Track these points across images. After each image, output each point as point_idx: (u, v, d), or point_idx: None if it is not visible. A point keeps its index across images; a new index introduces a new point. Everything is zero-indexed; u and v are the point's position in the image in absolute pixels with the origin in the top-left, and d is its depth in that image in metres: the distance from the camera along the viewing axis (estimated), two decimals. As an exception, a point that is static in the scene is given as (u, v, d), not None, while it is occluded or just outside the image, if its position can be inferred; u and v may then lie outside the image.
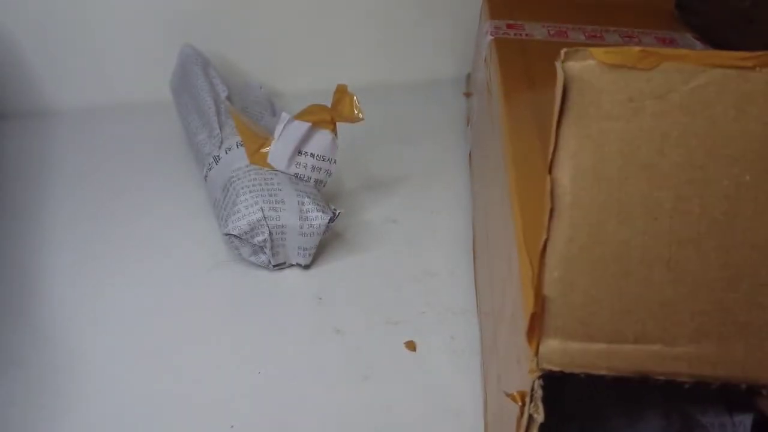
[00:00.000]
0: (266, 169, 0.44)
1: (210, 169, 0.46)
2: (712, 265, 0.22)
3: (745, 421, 0.26)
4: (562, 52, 0.21)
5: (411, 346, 0.38)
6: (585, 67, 0.21)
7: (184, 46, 0.56)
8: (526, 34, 0.48)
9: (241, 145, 0.45)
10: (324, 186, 0.45)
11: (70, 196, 0.50)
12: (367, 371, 0.37)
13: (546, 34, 0.49)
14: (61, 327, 0.39)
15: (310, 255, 0.43)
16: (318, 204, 0.42)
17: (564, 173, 0.22)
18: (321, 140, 0.44)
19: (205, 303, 0.41)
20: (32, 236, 0.46)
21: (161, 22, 0.59)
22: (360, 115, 0.43)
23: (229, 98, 0.50)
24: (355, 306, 0.41)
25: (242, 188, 0.42)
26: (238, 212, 0.41)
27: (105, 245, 0.45)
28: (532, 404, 0.23)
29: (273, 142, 0.44)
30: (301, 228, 0.41)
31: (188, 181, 0.51)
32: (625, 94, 0.21)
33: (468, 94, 0.60)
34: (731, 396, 0.26)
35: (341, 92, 0.43)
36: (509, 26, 0.50)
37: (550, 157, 0.22)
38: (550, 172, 0.22)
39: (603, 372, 0.23)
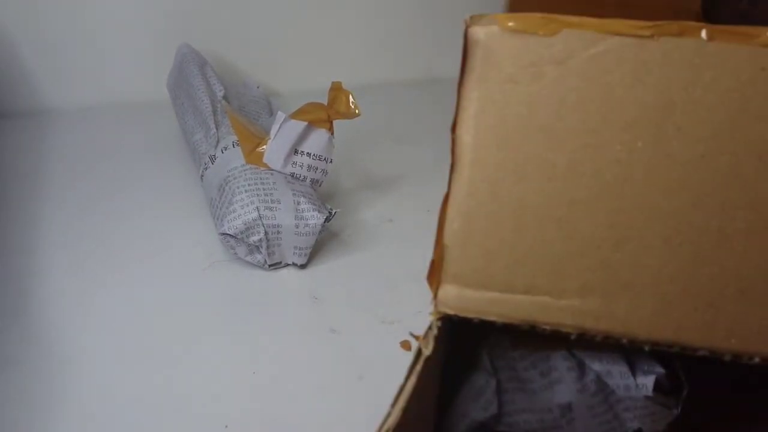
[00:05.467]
0: (262, 168, 0.43)
1: (206, 168, 0.46)
2: (601, 225, 0.23)
3: (647, 383, 0.27)
4: (468, 17, 0.22)
5: (406, 345, 0.38)
6: (489, 32, 0.22)
7: (181, 45, 0.56)
8: None
9: (238, 145, 0.45)
10: (320, 185, 0.45)
11: (66, 196, 0.50)
12: (362, 371, 0.37)
13: None
14: (57, 326, 0.39)
15: (305, 254, 0.43)
16: (314, 203, 0.42)
17: (466, 132, 0.23)
18: (317, 139, 0.44)
19: (201, 302, 0.41)
20: (29, 235, 0.46)
21: (159, 21, 0.59)
22: (357, 111, 0.43)
23: (225, 98, 0.50)
24: (351, 306, 0.41)
25: (238, 188, 0.42)
26: (233, 212, 0.41)
27: (101, 244, 0.45)
28: (424, 340, 0.25)
29: (269, 141, 0.44)
30: (297, 227, 0.41)
31: (185, 180, 0.51)
32: (526, 59, 0.22)
33: None
34: (636, 358, 0.28)
35: (336, 89, 0.43)
36: None
37: (454, 116, 0.23)
38: (453, 130, 0.23)
39: (494, 318, 0.25)
